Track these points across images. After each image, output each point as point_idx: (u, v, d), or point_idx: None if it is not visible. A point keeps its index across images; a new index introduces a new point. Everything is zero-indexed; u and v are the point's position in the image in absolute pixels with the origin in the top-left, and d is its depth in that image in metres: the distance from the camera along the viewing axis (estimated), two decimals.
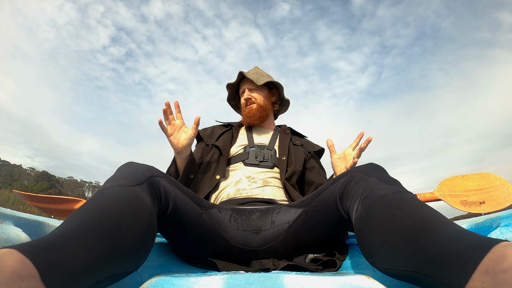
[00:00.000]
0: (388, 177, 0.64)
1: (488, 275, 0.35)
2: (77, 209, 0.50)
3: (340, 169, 0.98)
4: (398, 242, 0.48)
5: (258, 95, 1.25)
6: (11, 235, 0.54)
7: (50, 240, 0.39)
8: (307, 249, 0.78)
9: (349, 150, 0.98)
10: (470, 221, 0.65)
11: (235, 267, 0.75)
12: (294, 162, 1.13)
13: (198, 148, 1.22)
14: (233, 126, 1.28)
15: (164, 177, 0.73)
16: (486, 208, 1.10)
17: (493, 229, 0.59)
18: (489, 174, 1.20)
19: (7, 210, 0.59)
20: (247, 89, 1.25)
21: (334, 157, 1.01)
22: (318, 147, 1.26)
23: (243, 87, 1.26)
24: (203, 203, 0.81)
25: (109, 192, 0.55)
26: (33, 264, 0.34)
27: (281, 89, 1.28)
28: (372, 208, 0.56)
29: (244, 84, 1.27)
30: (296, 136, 1.29)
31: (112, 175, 0.63)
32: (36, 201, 1.28)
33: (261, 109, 1.23)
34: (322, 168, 1.23)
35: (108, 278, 0.45)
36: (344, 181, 0.70)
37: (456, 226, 0.45)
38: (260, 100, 1.24)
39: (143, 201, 0.56)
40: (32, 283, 0.33)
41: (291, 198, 1.01)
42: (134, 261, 0.51)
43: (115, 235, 0.46)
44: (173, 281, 0.49)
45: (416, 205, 0.52)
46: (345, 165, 0.96)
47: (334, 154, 1.02)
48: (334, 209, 0.71)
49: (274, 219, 0.81)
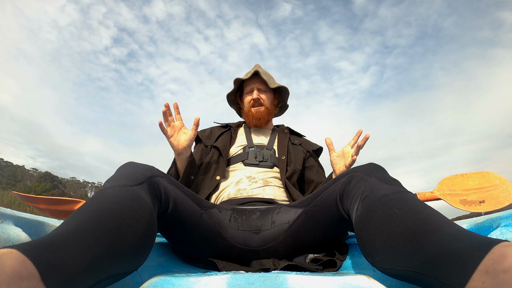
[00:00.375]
0: (388, 177, 0.64)
1: (488, 275, 0.35)
2: (77, 209, 0.50)
3: (339, 166, 0.99)
4: (398, 242, 0.48)
5: (267, 97, 1.24)
6: (11, 235, 0.54)
7: (50, 240, 0.39)
8: (307, 249, 0.78)
9: (348, 148, 0.99)
10: (470, 221, 0.65)
11: (235, 267, 0.75)
12: (293, 161, 1.13)
13: (197, 149, 1.22)
14: (232, 127, 1.27)
15: (164, 177, 0.73)
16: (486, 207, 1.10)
17: (493, 229, 0.59)
18: (488, 173, 1.20)
19: (7, 210, 0.59)
20: (256, 89, 1.23)
21: (333, 155, 1.02)
22: (316, 146, 1.27)
23: (252, 86, 1.24)
24: (203, 203, 0.81)
25: (109, 192, 0.55)
26: (33, 264, 0.34)
27: (287, 95, 1.29)
28: (372, 208, 0.56)
29: (253, 82, 1.24)
30: (295, 136, 1.29)
31: (112, 175, 0.63)
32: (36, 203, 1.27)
33: (268, 113, 1.24)
34: (321, 166, 1.24)
35: (108, 278, 0.45)
36: (344, 181, 0.70)
37: (456, 226, 0.45)
38: (268, 103, 1.24)
39: (143, 201, 0.56)
40: (32, 283, 0.33)
41: (291, 197, 1.01)
42: (134, 261, 0.51)
43: (115, 235, 0.46)
44: (173, 281, 0.49)
45: (416, 205, 0.52)
46: (344, 163, 0.96)
47: (333, 152, 1.03)
48: (334, 209, 0.71)
49: (274, 219, 0.81)
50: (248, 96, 1.24)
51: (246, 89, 1.26)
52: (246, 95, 1.25)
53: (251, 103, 1.22)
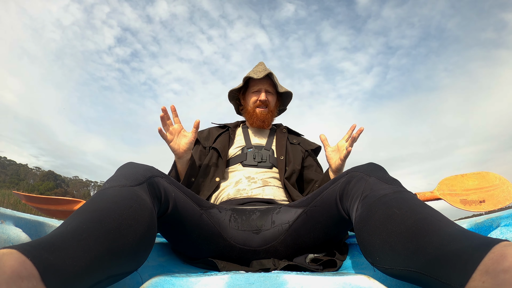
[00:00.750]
0: (388, 176, 0.64)
1: (489, 275, 0.35)
2: (77, 210, 0.50)
3: (334, 161, 0.99)
4: (398, 242, 0.48)
5: (273, 100, 1.24)
6: (11, 235, 0.54)
7: (50, 240, 0.39)
8: (307, 249, 0.78)
9: (342, 141, 1.00)
10: (470, 221, 0.65)
11: (235, 267, 0.75)
12: (292, 161, 1.13)
13: (195, 151, 1.21)
14: (230, 128, 1.27)
15: (164, 177, 0.73)
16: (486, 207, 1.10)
17: (493, 229, 0.59)
18: (488, 173, 1.20)
19: (7, 210, 0.59)
20: (264, 91, 1.21)
21: (328, 150, 1.03)
22: (315, 145, 1.27)
23: (260, 86, 1.22)
24: (203, 203, 0.81)
25: (109, 192, 0.55)
26: (33, 264, 0.34)
27: (289, 101, 1.30)
28: (372, 208, 0.56)
29: (262, 83, 1.22)
30: (293, 135, 1.29)
31: (112, 176, 0.63)
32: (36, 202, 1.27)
33: (272, 116, 1.24)
34: (319, 165, 1.24)
35: (108, 278, 0.45)
36: (344, 181, 0.70)
37: (456, 226, 0.45)
38: (272, 106, 1.24)
39: (143, 201, 0.56)
40: (32, 283, 0.33)
41: (291, 197, 1.01)
42: (134, 261, 0.51)
43: (115, 235, 0.46)
44: (173, 281, 0.49)
45: (416, 205, 0.52)
46: (339, 156, 0.97)
47: (328, 147, 1.04)
48: (334, 209, 0.71)
49: (274, 219, 0.81)
50: (254, 96, 1.22)
51: (253, 88, 1.23)
52: (252, 94, 1.23)
53: (257, 104, 1.21)
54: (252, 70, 1.24)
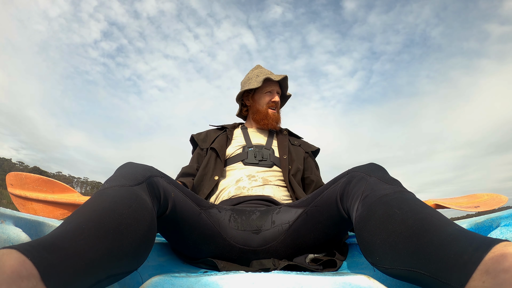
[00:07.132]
0: (389, 177, 0.64)
1: (489, 275, 0.35)
2: (77, 209, 0.50)
3: None
4: (398, 242, 0.48)
5: (280, 102, 1.31)
6: (11, 235, 0.54)
7: (50, 240, 0.39)
8: (307, 249, 0.78)
9: None
10: (470, 221, 0.65)
11: (235, 267, 0.75)
12: (295, 161, 1.15)
13: (194, 154, 1.24)
14: (227, 128, 1.29)
15: (163, 177, 0.73)
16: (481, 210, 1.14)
17: (493, 229, 0.59)
18: (476, 194, 1.30)
19: (7, 210, 0.59)
20: (276, 92, 1.28)
21: None
22: (315, 147, 1.31)
23: (273, 88, 1.28)
24: (203, 203, 0.81)
25: (108, 192, 0.55)
26: (33, 264, 0.34)
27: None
28: (373, 208, 0.56)
29: (275, 85, 1.28)
30: (293, 137, 1.33)
31: (111, 176, 0.63)
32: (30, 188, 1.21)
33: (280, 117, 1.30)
34: (317, 167, 1.27)
35: (108, 278, 0.45)
36: (344, 181, 0.70)
37: (457, 226, 0.45)
38: (279, 108, 1.32)
39: (143, 201, 0.56)
40: (32, 283, 0.33)
41: (295, 195, 1.02)
42: (134, 261, 0.50)
43: (115, 235, 0.46)
44: (173, 281, 0.49)
45: (417, 205, 0.52)
46: None
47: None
48: (334, 209, 0.71)
49: (274, 219, 0.81)
50: (267, 97, 1.27)
51: (267, 88, 1.28)
52: (265, 95, 1.27)
53: (270, 104, 1.26)
54: (264, 72, 1.28)
